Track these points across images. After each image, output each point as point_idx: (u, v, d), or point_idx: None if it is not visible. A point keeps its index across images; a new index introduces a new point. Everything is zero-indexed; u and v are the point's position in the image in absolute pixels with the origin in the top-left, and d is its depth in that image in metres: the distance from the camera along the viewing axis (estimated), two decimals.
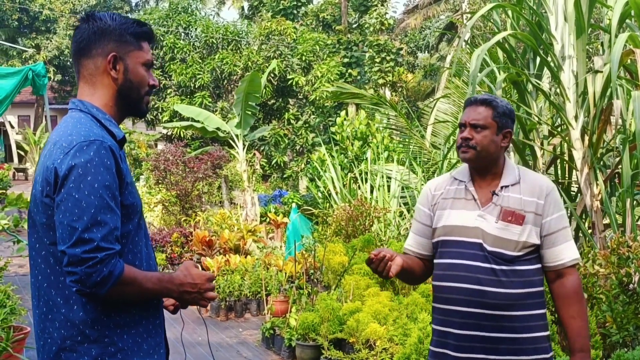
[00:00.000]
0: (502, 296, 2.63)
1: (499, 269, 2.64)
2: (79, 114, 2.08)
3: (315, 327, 6.02)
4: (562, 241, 2.72)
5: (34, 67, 10.84)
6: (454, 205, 2.76)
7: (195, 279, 2.12)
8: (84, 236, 1.86)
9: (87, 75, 2.13)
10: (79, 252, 1.86)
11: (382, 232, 8.50)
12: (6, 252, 9.57)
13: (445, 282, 2.74)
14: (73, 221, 1.88)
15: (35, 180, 2.05)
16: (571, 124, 5.15)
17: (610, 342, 4.41)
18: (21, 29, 32.86)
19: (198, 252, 9.54)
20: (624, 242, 4.38)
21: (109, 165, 1.95)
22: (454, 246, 2.72)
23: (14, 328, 5.25)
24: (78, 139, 1.95)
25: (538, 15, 5.45)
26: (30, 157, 24.26)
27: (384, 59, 22.76)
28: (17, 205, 6.52)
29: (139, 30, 2.16)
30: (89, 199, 1.89)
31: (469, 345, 2.67)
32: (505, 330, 2.64)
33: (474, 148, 2.69)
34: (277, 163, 20.89)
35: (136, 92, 2.15)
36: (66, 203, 1.89)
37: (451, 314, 2.71)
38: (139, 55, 2.15)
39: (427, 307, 5.68)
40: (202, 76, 19.60)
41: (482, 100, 2.75)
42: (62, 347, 1.98)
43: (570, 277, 2.73)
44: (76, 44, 2.15)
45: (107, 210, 1.91)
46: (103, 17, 2.14)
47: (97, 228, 1.88)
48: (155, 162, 13.80)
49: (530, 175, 2.81)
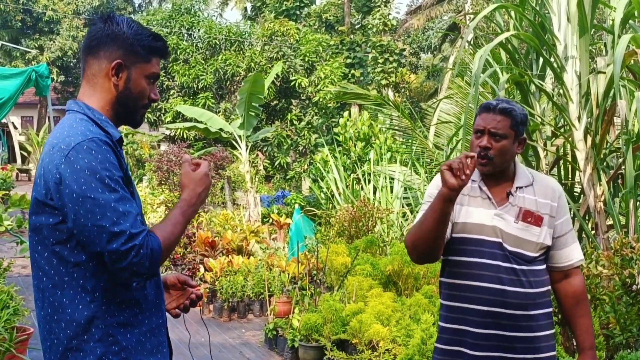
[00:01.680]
0: (523, 296, 2.65)
1: (519, 268, 2.66)
2: (75, 115, 2.07)
3: (318, 328, 6.02)
4: (571, 242, 2.78)
5: (37, 68, 10.85)
6: (470, 202, 2.75)
7: (198, 183, 2.15)
8: (115, 230, 1.88)
9: (90, 74, 2.12)
10: (116, 247, 1.88)
11: (385, 233, 8.50)
12: (9, 253, 9.58)
13: (464, 280, 2.72)
14: (98, 220, 1.89)
15: (36, 183, 2.04)
16: (574, 124, 5.14)
17: (613, 343, 4.40)
18: (24, 30, 32.91)
19: (201, 253, 9.54)
20: (627, 243, 4.37)
21: (112, 159, 1.96)
22: (473, 244, 2.71)
23: (17, 329, 5.25)
24: (76, 139, 1.95)
25: (541, 16, 5.44)
26: (33, 158, 24.30)
27: (386, 59, 22.76)
28: (20, 206, 6.53)
29: (152, 44, 2.14)
30: (104, 195, 1.90)
31: (487, 343, 2.67)
32: (523, 329, 2.66)
33: (491, 159, 2.69)
34: (280, 164, 20.90)
35: (133, 102, 2.14)
36: (84, 206, 1.90)
37: (470, 313, 2.70)
38: (145, 68, 2.13)
39: (430, 308, 5.67)
40: (205, 77, 19.62)
41: (502, 109, 2.72)
42: (69, 347, 1.98)
43: (577, 277, 2.80)
44: (87, 41, 2.13)
45: (124, 200, 1.93)
46: (120, 23, 2.12)
47: (123, 219, 1.90)
48: (158, 163, 13.82)
49: (540, 177, 2.84)
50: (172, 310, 2.34)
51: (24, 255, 6.57)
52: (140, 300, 2.07)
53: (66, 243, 1.97)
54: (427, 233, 2.58)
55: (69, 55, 32.21)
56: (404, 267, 6.43)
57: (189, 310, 2.36)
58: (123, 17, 2.17)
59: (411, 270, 6.46)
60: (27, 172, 27.42)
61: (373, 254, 7.44)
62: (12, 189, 18.10)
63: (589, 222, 5.27)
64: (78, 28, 31.99)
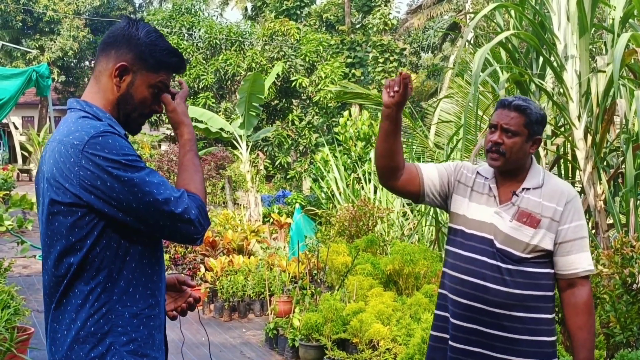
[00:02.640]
0: (504, 295, 2.63)
1: (504, 267, 2.65)
2: (78, 113, 2.05)
3: (319, 328, 6.02)
4: (578, 251, 2.68)
5: (37, 68, 10.88)
6: (475, 198, 2.77)
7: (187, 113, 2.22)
8: (160, 199, 1.94)
9: (98, 72, 2.10)
10: (172, 210, 1.95)
11: (386, 233, 8.50)
12: (10, 253, 9.58)
13: (454, 272, 2.76)
14: (146, 195, 1.92)
15: (49, 184, 1.97)
16: (574, 123, 5.14)
17: (613, 342, 4.40)
18: (25, 30, 32.89)
19: (201, 253, 9.54)
20: (628, 242, 4.37)
21: (128, 146, 1.97)
22: (469, 239, 2.74)
23: (17, 329, 5.26)
24: (88, 133, 1.93)
25: (541, 15, 5.44)
26: (34, 158, 24.29)
27: (387, 59, 22.76)
28: (21, 206, 6.55)
29: (164, 58, 2.11)
30: (136, 174, 1.92)
31: (466, 337, 2.69)
32: (505, 329, 2.65)
33: (503, 154, 2.68)
34: (280, 164, 20.91)
35: (132, 108, 2.11)
36: (123, 191, 1.91)
37: (454, 304, 2.74)
38: (150, 77, 2.10)
39: (430, 308, 5.67)
40: (205, 77, 19.63)
41: (517, 106, 2.71)
42: (75, 339, 1.96)
43: (582, 288, 2.69)
44: (105, 38, 2.12)
45: (153, 173, 1.98)
46: (140, 28, 2.09)
47: (164, 186, 1.96)
48: (158, 163, 13.83)
49: (554, 180, 2.79)
50: (169, 312, 2.33)
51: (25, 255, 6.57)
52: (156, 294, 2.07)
53: (86, 239, 1.95)
54: (379, 149, 2.77)
55: (69, 56, 32.19)
56: (404, 266, 6.43)
57: (186, 314, 2.36)
58: (148, 25, 2.15)
59: (412, 270, 6.46)
60: (28, 172, 27.41)
61: (373, 254, 7.44)
62: (13, 189, 18.09)
63: (589, 221, 5.27)
64: (79, 28, 31.98)
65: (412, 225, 8.96)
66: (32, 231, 10.73)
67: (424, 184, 2.81)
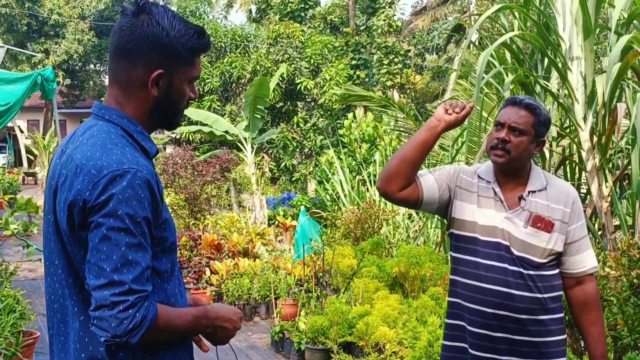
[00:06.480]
0: (530, 300, 2.63)
1: (526, 273, 2.63)
2: (107, 127, 1.86)
3: (325, 331, 6.01)
4: (585, 249, 2.72)
5: (42, 72, 10.92)
6: (481, 203, 2.72)
7: (231, 314, 2.02)
8: (114, 278, 1.68)
9: (123, 80, 1.88)
10: (107, 294, 1.67)
11: (391, 235, 8.49)
12: (16, 257, 9.59)
13: (469, 279, 2.71)
14: (101, 260, 1.69)
15: (59, 208, 1.82)
16: (580, 125, 5.12)
17: (621, 344, 4.37)
18: (30, 33, 32.99)
19: (207, 256, 9.55)
20: (635, 244, 4.34)
21: (142, 198, 1.75)
22: (481, 245, 2.69)
23: (23, 333, 5.26)
24: (109, 167, 1.73)
25: (545, 16, 5.42)
26: (40, 161, 24.33)
27: (392, 60, 22.78)
28: (27, 210, 6.54)
29: (199, 44, 1.90)
30: (118, 236, 1.70)
31: (489, 345, 2.66)
32: (530, 334, 2.64)
33: (508, 152, 2.66)
34: (285, 166, 20.92)
35: (174, 107, 1.94)
36: (94, 239, 1.71)
37: (475, 313, 2.69)
38: (188, 72, 1.91)
39: (436, 310, 5.66)
40: (210, 80, 19.64)
41: (527, 104, 2.69)
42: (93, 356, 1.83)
43: (590, 284, 2.74)
44: (119, 39, 1.86)
45: (138, 248, 1.72)
46: (161, 21, 1.84)
47: (128, 268, 1.69)
48: (164, 166, 13.83)
49: (555, 181, 2.79)
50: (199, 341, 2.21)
51: (30, 259, 6.58)
52: None
53: None
54: (407, 155, 2.66)
55: (74, 59, 32.26)
56: (410, 269, 6.42)
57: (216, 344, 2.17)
58: (159, 8, 1.88)
59: (417, 272, 6.44)
60: (34, 175, 27.51)
61: (379, 256, 7.43)
62: (19, 192, 18.15)
63: (595, 222, 5.25)
64: (83, 32, 32.05)
65: (418, 228, 8.95)
66: (38, 234, 10.75)
67: (422, 193, 2.74)
